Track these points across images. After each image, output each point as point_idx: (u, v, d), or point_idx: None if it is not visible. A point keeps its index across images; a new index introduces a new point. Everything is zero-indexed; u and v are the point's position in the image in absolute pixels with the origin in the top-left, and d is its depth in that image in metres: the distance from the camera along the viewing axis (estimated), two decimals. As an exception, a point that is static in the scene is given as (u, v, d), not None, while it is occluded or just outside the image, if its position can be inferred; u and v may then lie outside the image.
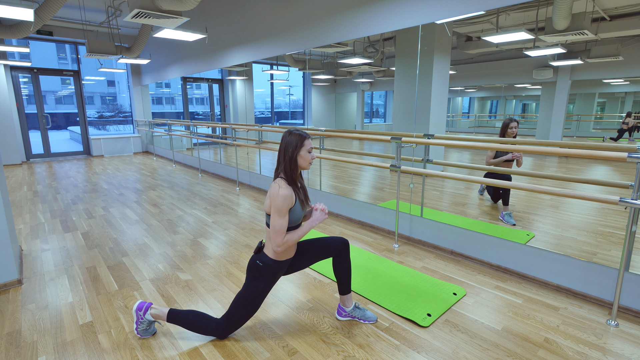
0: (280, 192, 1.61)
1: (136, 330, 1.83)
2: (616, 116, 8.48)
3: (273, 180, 1.71)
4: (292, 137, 1.69)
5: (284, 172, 1.69)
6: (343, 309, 2.00)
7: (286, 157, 1.69)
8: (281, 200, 1.61)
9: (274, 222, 1.62)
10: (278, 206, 1.61)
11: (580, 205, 3.98)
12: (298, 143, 1.68)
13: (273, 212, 1.63)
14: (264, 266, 1.71)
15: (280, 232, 1.63)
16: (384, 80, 8.48)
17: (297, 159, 1.69)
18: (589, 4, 4.26)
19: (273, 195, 1.63)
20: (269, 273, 1.72)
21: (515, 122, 3.40)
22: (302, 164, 1.71)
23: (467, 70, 7.93)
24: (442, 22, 2.95)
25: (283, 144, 1.70)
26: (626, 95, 8.36)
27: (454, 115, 9.93)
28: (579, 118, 8.77)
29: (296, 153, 1.68)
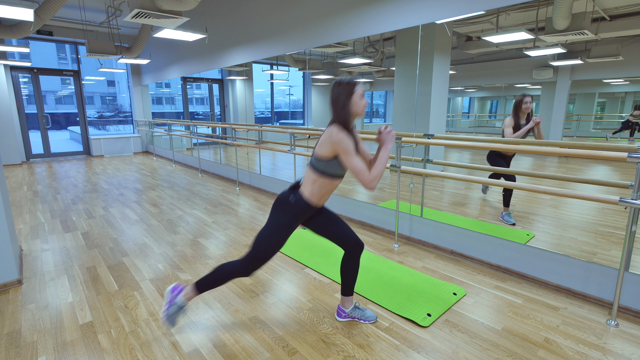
0: (340, 134, 1.59)
1: (166, 311, 1.83)
2: (616, 116, 8.48)
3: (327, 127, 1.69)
4: (341, 87, 1.66)
5: (339, 122, 1.66)
6: (342, 310, 2.00)
7: (338, 107, 1.66)
8: (346, 141, 1.59)
9: (352, 164, 1.60)
10: (346, 148, 1.59)
11: (580, 205, 3.98)
12: (350, 91, 1.65)
13: (344, 156, 1.61)
14: (296, 204, 1.70)
15: (361, 170, 1.60)
16: (384, 80, 8.48)
17: (350, 107, 1.66)
18: (589, 4, 4.26)
19: (336, 141, 1.60)
20: (297, 212, 1.71)
21: (530, 97, 3.24)
22: (356, 111, 1.68)
23: (467, 70, 7.93)
24: (442, 22, 2.95)
25: (334, 95, 1.67)
26: (626, 95, 8.36)
27: (454, 115, 9.93)
28: (579, 118, 8.77)
29: (349, 101, 1.66)
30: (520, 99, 3.28)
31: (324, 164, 1.66)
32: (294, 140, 4.17)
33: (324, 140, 1.65)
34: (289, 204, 1.71)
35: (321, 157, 1.66)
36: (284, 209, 1.72)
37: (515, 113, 3.34)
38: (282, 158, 7.81)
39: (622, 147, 2.01)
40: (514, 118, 3.34)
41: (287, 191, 1.75)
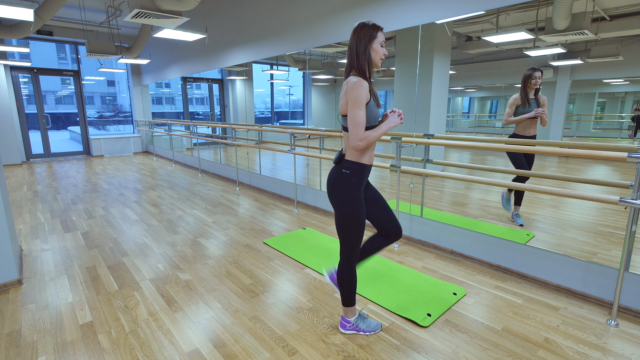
0: (357, 82, 1.54)
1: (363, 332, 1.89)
2: (616, 116, 8.48)
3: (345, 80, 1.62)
4: (365, 28, 1.59)
5: (357, 68, 1.60)
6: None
7: (359, 51, 1.59)
8: (360, 90, 1.53)
9: (354, 115, 1.54)
10: (356, 97, 1.53)
11: (580, 205, 3.98)
12: (372, 35, 1.59)
13: (351, 104, 1.55)
14: (351, 172, 1.65)
15: (360, 124, 1.55)
16: (384, 80, 8.48)
17: (370, 53, 1.60)
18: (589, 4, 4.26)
19: (350, 88, 1.55)
20: (357, 176, 1.66)
21: (540, 72, 3.03)
22: (375, 59, 1.62)
23: (467, 70, 7.92)
24: (442, 22, 2.95)
25: (354, 37, 1.60)
26: (626, 95, 8.36)
27: (454, 115, 9.93)
28: (579, 118, 8.77)
29: (369, 46, 1.59)
30: (530, 74, 3.08)
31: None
32: (294, 140, 4.17)
33: (343, 93, 1.60)
34: (346, 176, 1.65)
35: (345, 112, 1.61)
36: (344, 184, 1.66)
37: (523, 88, 3.15)
38: (282, 158, 7.81)
39: (622, 147, 2.01)
40: (521, 94, 3.17)
41: (335, 167, 1.70)
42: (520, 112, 3.18)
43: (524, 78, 3.14)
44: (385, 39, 1.65)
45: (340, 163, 1.69)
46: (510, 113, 3.23)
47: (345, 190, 1.66)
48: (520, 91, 3.19)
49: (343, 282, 1.81)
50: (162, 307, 2.14)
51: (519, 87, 3.22)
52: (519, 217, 3.41)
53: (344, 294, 1.83)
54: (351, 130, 1.56)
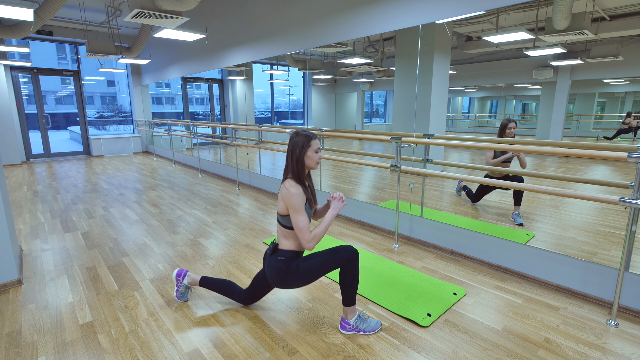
0: (292, 190, 1.68)
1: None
2: (616, 116, 8.48)
3: (282, 182, 1.77)
4: (298, 137, 1.75)
5: (292, 172, 1.75)
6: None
7: (294, 158, 1.75)
8: (295, 198, 1.67)
9: (296, 221, 1.69)
10: (294, 205, 1.68)
11: (580, 205, 3.98)
12: (305, 143, 1.74)
13: (291, 212, 1.70)
14: (286, 258, 1.79)
15: (305, 228, 1.69)
16: (384, 80, 8.48)
17: (304, 159, 1.75)
18: (589, 4, 4.26)
19: (286, 196, 1.69)
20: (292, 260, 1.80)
21: (514, 123, 3.42)
22: (309, 164, 1.77)
23: (467, 70, 7.93)
24: (442, 22, 2.95)
25: (290, 144, 1.76)
26: (626, 95, 8.37)
27: (454, 115, 9.93)
28: (579, 118, 8.77)
29: (303, 153, 1.74)
30: (506, 124, 3.42)
31: (286, 219, 1.76)
32: (294, 140, 4.16)
33: (280, 198, 1.74)
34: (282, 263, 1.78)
35: (282, 213, 1.76)
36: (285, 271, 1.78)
37: (500, 135, 3.49)
38: (282, 158, 7.81)
39: (622, 147, 2.02)
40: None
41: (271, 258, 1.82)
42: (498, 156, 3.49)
43: (501, 127, 3.49)
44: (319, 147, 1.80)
45: (275, 253, 1.83)
46: (491, 156, 3.52)
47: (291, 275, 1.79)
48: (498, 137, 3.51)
49: (345, 282, 1.81)
50: (162, 307, 2.14)
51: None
52: (519, 217, 3.41)
53: (345, 293, 1.83)
54: (299, 235, 1.71)
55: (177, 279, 2.14)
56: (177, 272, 2.15)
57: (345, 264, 1.78)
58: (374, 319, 1.96)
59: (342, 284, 1.82)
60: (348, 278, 1.80)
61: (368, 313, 2.07)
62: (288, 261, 1.78)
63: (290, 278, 1.79)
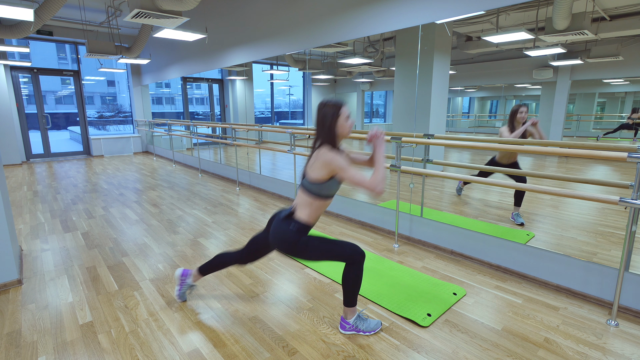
0: (331, 153, 1.60)
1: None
2: (616, 116, 8.48)
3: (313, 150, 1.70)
4: (327, 108, 1.67)
5: (326, 143, 1.67)
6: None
7: (324, 129, 1.66)
8: (338, 158, 1.59)
9: (352, 177, 1.59)
10: (341, 165, 1.59)
11: (580, 205, 3.98)
12: (335, 113, 1.66)
13: (342, 173, 1.60)
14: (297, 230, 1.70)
15: (364, 178, 1.59)
16: (384, 80, 8.48)
17: (335, 130, 1.67)
18: (589, 4, 4.26)
19: (328, 161, 1.60)
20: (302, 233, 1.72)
21: (525, 107, 3.33)
22: (342, 133, 1.69)
23: (467, 70, 7.92)
24: (442, 22, 2.95)
25: (320, 116, 1.68)
26: (626, 95, 8.36)
27: (454, 115, 9.93)
28: (579, 118, 8.77)
29: (334, 123, 1.66)
30: (516, 109, 3.36)
31: (318, 186, 1.67)
32: (294, 140, 4.17)
33: (316, 163, 1.65)
34: (292, 233, 1.70)
35: (315, 180, 1.66)
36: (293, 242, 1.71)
37: (510, 122, 3.43)
38: (282, 158, 7.81)
39: (622, 147, 2.02)
40: (509, 127, 3.43)
41: (282, 222, 1.74)
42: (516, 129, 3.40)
43: (511, 113, 3.42)
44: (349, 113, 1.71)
45: (288, 218, 1.74)
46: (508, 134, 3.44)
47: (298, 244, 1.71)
48: (508, 124, 3.45)
49: (347, 282, 1.80)
50: (162, 307, 2.14)
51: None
52: (519, 217, 3.41)
53: (346, 293, 1.83)
54: (363, 186, 1.59)
55: (182, 278, 2.14)
56: (182, 272, 2.15)
57: (350, 262, 1.77)
58: (374, 319, 1.96)
59: (345, 284, 1.81)
60: (351, 278, 1.79)
61: (368, 313, 2.07)
62: (299, 233, 1.71)
63: (296, 249, 1.72)
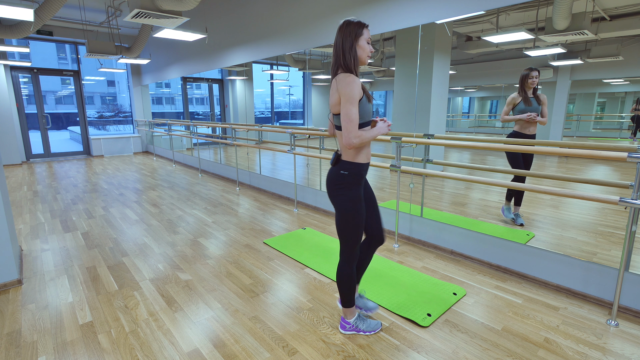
0: (349, 79, 1.53)
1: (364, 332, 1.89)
2: (616, 116, 8.48)
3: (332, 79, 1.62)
4: (350, 26, 1.58)
5: (343, 66, 1.59)
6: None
7: (345, 49, 1.57)
8: (353, 86, 1.52)
9: (348, 111, 1.52)
10: (350, 94, 1.52)
11: (580, 205, 3.98)
12: (358, 32, 1.58)
13: (344, 101, 1.53)
14: (349, 172, 1.65)
15: (354, 121, 1.53)
16: (384, 80, 8.48)
17: (357, 50, 1.59)
18: (589, 4, 4.26)
19: (342, 84, 1.53)
20: (356, 177, 1.66)
21: (537, 72, 3.12)
22: (361, 56, 1.61)
23: (467, 70, 7.92)
24: (442, 22, 2.95)
25: (340, 35, 1.59)
26: (626, 95, 8.36)
27: (454, 115, 9.92)
28: (579, 118, 8.76)
29: (356, 43, 1.58)
30: (527, 74, 3.15)
31: None
32: (294, 140, 4.17)
33: (334, 91, 1.57)
34: (344, 177, 1.64)
35: (338, 111, 1.59)
36: (342, 184, 1.65)
37: (521, 88, 3.23)
38: (282, 158, 7.81)
39: (622, 147, 2.02)
40: (520, 93, 3.24)
41: (333, 169, 1.69)
42: (520, 111, 3.23)
43: (522, 78, 3.22)
44: (370, 37, 1.64)
45: (337, 164, 1.68)
46: (507, 111, 3.32)
47: (345, 191, 1.66)
48: (519, 90, 3.25)
49: (342, 283, 1.80)
50: (162, 307, 2.14)
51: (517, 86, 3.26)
52: (519, 217, 3.41)
53: (343, 295, 1.83)
54: (345, 127, 1.54)
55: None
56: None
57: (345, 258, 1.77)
58: (374, 319, 1.96)
59: (340, 284, 1.82)
60: (345, 280, 1.79)
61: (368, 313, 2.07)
62: (351, 176, 1.64)
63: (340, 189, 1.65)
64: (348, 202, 1.66)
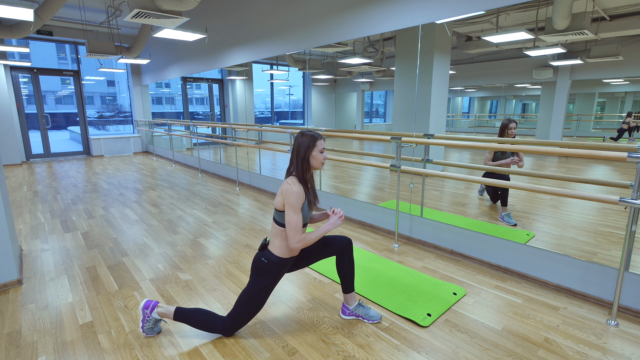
0: (293, 188, 1.64)
1: (142, 328, 1.83)
2: (616, 116, 8.48)
3: (284, 179, 1.75)
4: (304, 138, 1.73)
5: (296, 171, 1.73)
6: (347, 307, 2.01)
7: (299, 158, 1.72)
8: (295, 196, 1.64)
9: (290, 219, 1.65)
10: (292, 203, 1.64)
11: (580, 205, 3.98)
12: (310, 144, 1.72)
13: (287, 209, 1.66)
14: (269, 263, 1.74)
15: (297, 228, 1.65)
16: (384, 80, 8.48)
17: (309, 159, 1.73)
18: (589, 4, 4.26)
19: (286, 192, 1.65)
20: (273, 270, 1.75)
21: (514, 123, 3.43)
22: (314, 164, 1.75)
23: (467, 70, 7.92)
24: (442, 22, 2.95)
25: (296, 144, 1.74)
26: (626, 95, 8.36)
27: (454, 115, 9.93)
28: (579, 118, 8.77)
29: (308, 153, 1.72)
30: (506, 124, 3.42)
31: (282, 215, 1.71)
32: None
33: (280, 192, 1.70)
34: (264, 266, 1.74)
35: (279, 209, 1.71)
36: (260, 272, 1.75)
37: (500, 135, 3.49)
38: (282, 158, 7.81)
39: (622, 147, 2.02)
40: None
41: (257, 252, 1.80)
42: (499, 158, 3.47)
43: (501, 127, 3.49)
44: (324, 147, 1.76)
45: (262, 251, 1.78)
46: (489, 158, 3.51)
47: (260, 279, 1.75)
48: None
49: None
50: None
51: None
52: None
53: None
54: (289, 233, 1.66)
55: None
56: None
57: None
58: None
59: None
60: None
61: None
62: (270, 267, 1.74)
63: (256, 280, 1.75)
64: (258, 288, 1.75)
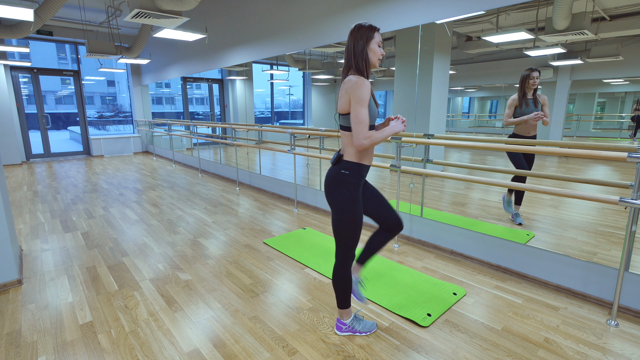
0: (359, 81, 1.53)
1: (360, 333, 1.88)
2: (616, 116, 8.48)
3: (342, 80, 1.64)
4: (361, 30, 1.60)
5: (355, 69, 1.61)
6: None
7: (357, 52, 1.60)
8: (363, 89, 1.53)
9: (358, 113, 1.53)
10: (359, 96, 1.53)
11: (580, 205, 3.98)
12: (369, 35, 1.59)
13: (354, 104, 1.54)
14: (350, 172, 1.65)
15: (364, 122, 1.54)
16: (383, 80, 8.48)
17: (368, 53, 1.61)
18: (589, 4, 4.26)
19: (351, 86, 1.54)
20: (356, 177, 1.66)
21: (537, 72, 3.06)
22: (372, 59, 1.63)
23: (467, 70, 7.92)
24: (442, 22, 2.95)
25: (352, 38, 1.61)
26: (626, 95, 8.36)
27: (454, 115, 9.92)
28: (579, 118, 8.77)
29: (367, 47, 1.60)
30: (527, 74, 3.09)
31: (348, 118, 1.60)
32: (294, 140, 4.17)
33: (344, 91, 1.59)
34: (344, 177, 1.65)
35: (344, 112, 1.61)
36: (342, 184, 1.65)
37: (521, 88, 3.16)
38: (282, 158, 7.81)
39: (622, 147, 2.01)
40: (519, 95, 3.19)
41: (333, 167, 1.69)
42: (519, 113, 3.20)
43: (522, 78, 3.16)
44: (382, 39, 1.65)
45: (338, 164, 1.69)
46: (509, 114, 3.26)
47: (344, 191, 1.65)
48: (518, 91, 3.20)
49: (338, 285, 1.79)
50: (162, 307, 2.14)
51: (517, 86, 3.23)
52: (519, 217, 3.41)
53: (339, 296, 1.82)
54: (355, 128, 1.55)
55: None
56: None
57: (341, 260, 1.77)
58: (370, 320, 1.97)
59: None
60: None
61: (365, 312, 2.07)
62: (352, 176, 1.64)
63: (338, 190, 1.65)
64: (346, 203, 1.65)
